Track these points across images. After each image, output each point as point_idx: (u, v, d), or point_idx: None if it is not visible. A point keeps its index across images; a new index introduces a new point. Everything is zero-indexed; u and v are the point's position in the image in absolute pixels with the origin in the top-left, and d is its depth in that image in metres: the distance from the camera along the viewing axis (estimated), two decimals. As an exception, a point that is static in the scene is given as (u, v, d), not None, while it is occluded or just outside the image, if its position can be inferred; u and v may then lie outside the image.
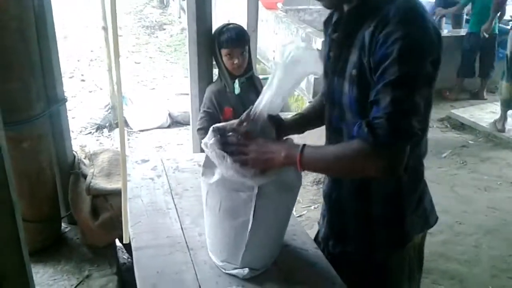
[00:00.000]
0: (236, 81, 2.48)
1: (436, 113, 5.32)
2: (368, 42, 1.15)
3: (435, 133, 4.83)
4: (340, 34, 1.30)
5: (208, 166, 1.34)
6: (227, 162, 1.23)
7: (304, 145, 1.22)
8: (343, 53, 1.26)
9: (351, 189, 1.41)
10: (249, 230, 1.30)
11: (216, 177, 1.30)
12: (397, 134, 1.10)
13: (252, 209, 1.27)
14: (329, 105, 1.38)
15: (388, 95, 1.09)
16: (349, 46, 1.23)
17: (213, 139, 1.29)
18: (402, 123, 1.09)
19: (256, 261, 1.39)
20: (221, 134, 1.32)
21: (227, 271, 1.39)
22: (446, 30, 6.50)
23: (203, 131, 2.55)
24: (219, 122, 2.62)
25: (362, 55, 1.18)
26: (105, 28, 4.83)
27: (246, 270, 1.36)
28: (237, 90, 2.47)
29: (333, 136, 1.40)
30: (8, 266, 0.72)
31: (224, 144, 1.29)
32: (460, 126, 5.11)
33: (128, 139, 4.70)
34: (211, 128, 1.32)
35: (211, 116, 2.54)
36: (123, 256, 2.55)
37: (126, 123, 4.97)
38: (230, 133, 1.34)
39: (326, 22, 1.43)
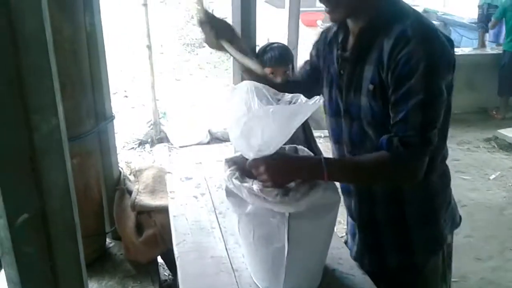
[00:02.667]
0: None
1: (482, 133, 5.16)
2: (387, 59, 1.20)
3: (481, 154, 4.67)
4: (353, 52, 1.32)
5: (232, 195, 1.31)
6: (245, 193, 1.21)
7: (326, 158, 1.24)
8: (357, 70, 1.31)
9: (383, 199, 1.42)
10: (285, 255, 1.26)
11: (245, 206, 1.27)
12: (426, 148, 1.21)
13: (286, 234, 1.23)
14: (348, 120, 1.39)
15: (418, 115, 1.17)
16: (363, 63, 1.28)
17: (228, 170, 1.27)
18: (431, 137, 1.21)
19: (300, 285, 1.36)
20: (235, 162, 1.31)
21: (272, 295, 1.36)
22: (470, 48, 6.51)
23: None
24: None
25: (380, 71, 1.23)
26: (148, 47, 4.96)
27: None
28: None
29: (352, 150, 1.41)
30: (69, 284, 0.73)
31: (241, 172, 1.27)
32: (508, 146, 4.92)
33: (169, 155, 4.77)
34: (224, 160, 1.32)
35: None
36: (164, 273, 2.57)
37: (167, 139, 5.06)
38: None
39: (330, 43, 1.45)
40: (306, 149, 1.42)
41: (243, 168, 1.29)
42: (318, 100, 1.17)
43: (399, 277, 1.48)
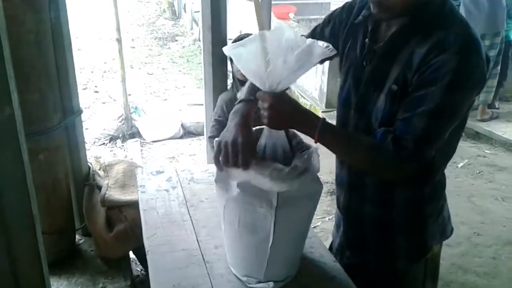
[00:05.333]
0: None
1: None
2: (418, 62, 1.15)
3: (450, 143, 4.76)
4: (384, 46, 1.26)
5: (221, 180, 1.30)
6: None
7: (325, 122, 1.20)
8: (383, 66, 1.25)
9: (373, 199, 1.40)
10: (270, 245, 1.26)
11: (232, 192, 1.26)
12: (417, 157, 1.18)
13: (272, 224, 1.23)
14: (356, 114, 1.35)
15: (423, 122, 1.13)
16: (391, 61, 1.23)
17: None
18: (425, 149, 1.17)
19: (280, 274, 1.36)
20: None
21: (250, 285, 1.36)
22: None
23: (214, 139, 2.59)
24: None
25: (406, 72, 1.18)
26: (118, 40, 4.89)
27: (271, 284, 1.33)
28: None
29: None
30: (28, 280, 0.71)
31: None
32: (475, 135, 5.04)
33: (142, 150, 4.72)
34: (214, 142, 1.30)
35: (222, 125, 2.57)
36: (136, 268, 2.54)
37: (139, 134, 5.00)
38: None
39: (358, 25, 1.35)
40: None
41: None
42: (329, 49, 1.15)
43: (376, 278, 1.46)
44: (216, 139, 1.26)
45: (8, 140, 0.61)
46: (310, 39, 1.19)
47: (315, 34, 1.52)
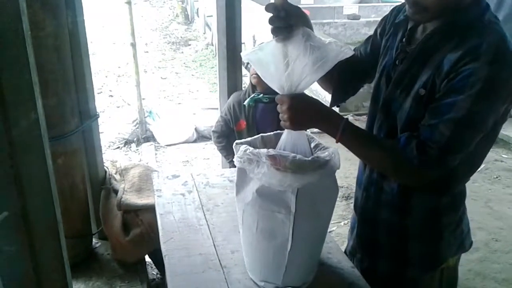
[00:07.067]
0: (252, 94, 2.48)
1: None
2: (449, 68, 1.13)
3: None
4: (416, 49, 1.24)
5: (241, 184, 1.30)
6: (262, 159, 1.18)
7: (347, 122, 1.20)
8: (413, 68, 1.24)
9: (389, 204, 1.38)
10: (288, 250, 1.26)
11: (250, 197, 1.25)
12: (439, 165, 1.16)
13: (291, 229, 1.23)
14: (383, 113, 1.34)
15: (449, 130, 1.11)
16: (422, 64, 1.21)
17: (241, 147, 1.25)
18: (448, 158, 1.16)
19: (298, 279, 1.35)
20: (245, 142, 1.31)
21: (267, 291, 1.35)
22: None
23: (216, 134, 2.64)
24: (232, 131, 2.62)
25: (435, 77, 1.16)
26: (133, 45, 4.92)
27: None
28: (247, 101, 2.49)
29: None
30: (52, 285, 0.71)
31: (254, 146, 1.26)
32: (492, 139, 4.97)
33: (156, 154, 4.74)
34: (234, 145, 1.30)
35: (226, 123, 2.60)
36: (152, 272, 2.55)
37: (153, 138, 5.02)
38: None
39: (398, 25, 1.34)
40: None
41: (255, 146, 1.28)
42: (345, 49, 1.14)
43: (385, 284, 1.45)
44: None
45: (33, 145, 0.62)
46: (327, 40, 1.18)
47: (356, 51, 1.52)
